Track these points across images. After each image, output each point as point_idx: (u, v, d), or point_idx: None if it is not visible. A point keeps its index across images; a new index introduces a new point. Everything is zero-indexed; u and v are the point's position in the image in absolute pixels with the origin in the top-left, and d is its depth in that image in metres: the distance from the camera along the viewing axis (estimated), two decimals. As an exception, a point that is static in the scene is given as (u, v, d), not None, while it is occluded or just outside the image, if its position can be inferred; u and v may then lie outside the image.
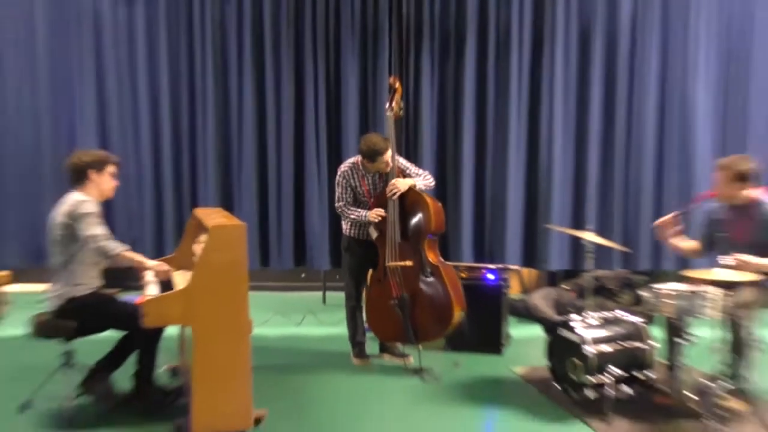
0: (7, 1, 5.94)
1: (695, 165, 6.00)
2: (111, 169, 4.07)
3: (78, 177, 4.01)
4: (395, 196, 4.68)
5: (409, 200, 4.74)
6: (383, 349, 5.14)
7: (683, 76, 6.00)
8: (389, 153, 4.68)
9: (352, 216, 4.83)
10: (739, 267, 3.93)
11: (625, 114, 6.05)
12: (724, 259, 4.02)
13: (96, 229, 3.87)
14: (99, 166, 4.01)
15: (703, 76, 5.99)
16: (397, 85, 4.84)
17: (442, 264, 4.81)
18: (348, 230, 4.97)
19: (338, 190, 4.86)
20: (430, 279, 4.71)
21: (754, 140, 6.00)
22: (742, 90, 6.00)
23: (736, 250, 4.05)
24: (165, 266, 4.13)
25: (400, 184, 4.69)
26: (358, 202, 4.86)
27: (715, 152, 6.02)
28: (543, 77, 6.04)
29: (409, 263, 4.71)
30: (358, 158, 4.85)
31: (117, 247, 3.90)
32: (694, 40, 5.96)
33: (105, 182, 4.05)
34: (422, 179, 4.88)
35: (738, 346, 4.03)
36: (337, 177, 4.88)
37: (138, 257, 4.06)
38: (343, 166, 4.91)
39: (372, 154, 4.66)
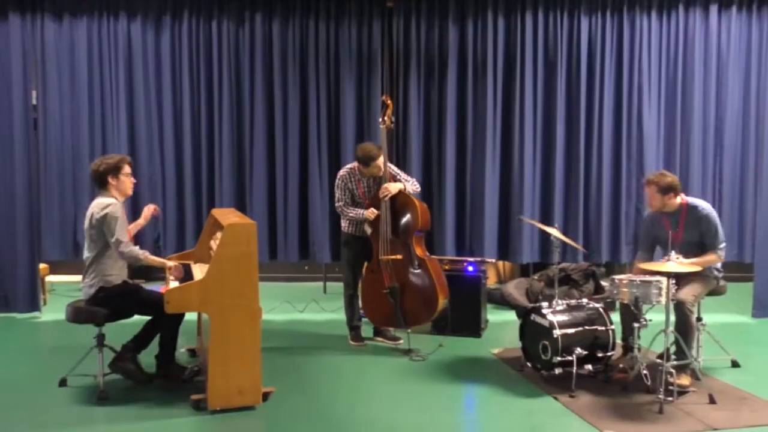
0: (55, 29, 5.86)
1: (646, 170, 5.92)
2: (126, 170, 3.96)
3: (100, 183, 3.93)
4: (387, 198, 4.64)
5: (400, 202, 4.72)
6: (377, 332, 5.07)
7: (633, 97, 5.97)
8: (381, 159, 4.68)
9: (351, 214, 4.78)
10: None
11: (584, 128, 6.01)
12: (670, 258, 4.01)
13: (121, 234, 3.78)
14: (115, 171, 3.90)
15: (652, 96, 5.96)
16: (389, 102, 4.84)
17: (428, 258, 4.79)
18: (346, 228, 4.91)
19: (338, 193, 4.82)
20: (418, 271, 4.67)
21: (696, 150, 5.95)
22: (687, 107, 5.96)
23: (677, 249, 4.01)
24: (180, 268, 4.03)
25: (392, 188, 4.67)
26: (355, 203, 4.82)
27: (663, 160, 6.00)
28: (514, 96, 5.99)
29: (399, 257, 4.68)
30: (354, 164, 4.83)
31: (139, 254, 3.83)
32: (643, 67, 5.93)
33: (122, 183, 3.94)
34: (411, 184, 4.87)
35: (685, 329, 3.96)
36: (337, 180, 4.85)
37: (158, 259, 4.02)
38: (342, 171, 4.88)
39: (366, 160, 4.66)
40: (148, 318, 3.98)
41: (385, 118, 4.78)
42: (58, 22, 5.87)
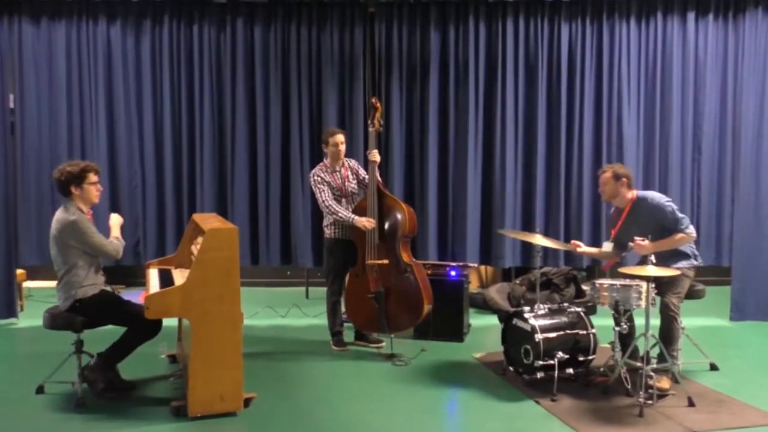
0: (33, 32, 5.80)
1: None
2: (91, 178, 3.83)
3: (62, 192, 3.84)
4: (375, 160, 4.76)
5: (387, 206, 4.71)
6: (359, 336, 5.06)
7: (612, 102, 6.02)
8: (341, 137, 4.83)
9: (340, 215, 4.71)
10: (639, 250, 4.08)
11: (565, 133, 6.05)
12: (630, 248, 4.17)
13: (100, 239, 3.77)
14: (77, 181, 3.79)
15: (632, 102, 6.02)
16: (378, 104, 4.83)
17: (415, 263, 4.78)
18: (331, 233, 4.86)
19: (317, 192, 4.81)
20: (404, 276, 4.65)
21: (674, 155, 6.03)
22: (665, 113, 6.03)
23: (615, 243, 4.29)
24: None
25: (376, 155, 4.79)
26: (333, 197, 4.82)
27: (642, 164, 6.06)
28: (496, 101, 6.02)
29: (385, 261, 4.67)
30: (323, 161, 4.92)
31: (119, 247, 3.86)
32: (623, 73, 5.98)
33: (87, 193, 3.82)
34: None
35: (669, 332, 4.00)
36: (312, 179, 4.86)
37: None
38: (314, 170, 4.92)
39: (326, 137, 4.86)
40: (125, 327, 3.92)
41: (375, 121, 4.78)
42: (36, 24, 5.81)
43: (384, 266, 4.66)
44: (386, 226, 4.71)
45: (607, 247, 4.38)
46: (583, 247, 4.49)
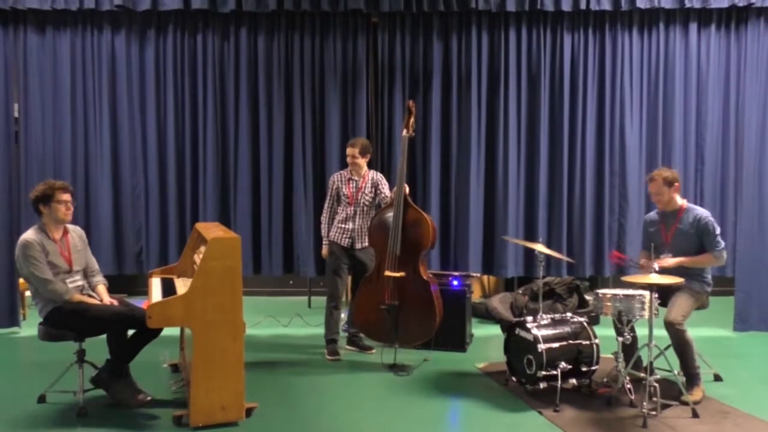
0: (38, 42, 5.83)
1: (629, 186, 6.02)
2: (60, 196, 3.84)
3: (35, 211, 3.89)
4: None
5: (411, 218, 4.61)
6: (350, 342, 5.08)
7: (615, 113, 6.03)
8: (350, 150, 4.92)
9: (322, 225, 5.01)
10: (662, 266, 4.00)
11: (568, 143, 6.05)
12: (658, 261, 4.07)
13: (44, 272, 3.72)
14: (46, 199, 3.82)
15: (634, 112, 6.02)
16: (413, 108, 4.72)
17: (432, 279, 4.70)
18: (333, 236, 4.94)
19: (327, 194, 5.07)
20: (420, 292, 4.57)
21: (677, 165, 6.02)
22: (668, 123, 6.03)
23: (663, 251, 4.16)
24: (115, 303, 3.93)
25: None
26: (340, 203, 4.98)
27: (645, 175, 6.01)
28: (498, 111, 6.03)
29: (402, 274, 4.57)
30: (347, 168, 5.04)
31: (66, 293, 3.75)
32: (625, 83, 5.99)
33: (54, 211, 3.84)
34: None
35: (682, 347, 3.96)
36: (329, 181, 5.10)
37: (87, 299, 3.85)
38: (335, 174, 5.14)
39: (347, 146, 5.00)
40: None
41: (409, 125, 4.67)
42: (40, 34, 5.85)
43: (401, 279, 4.57)
44: (410, 238, 4.59)
45: (667, 257, 4.16)
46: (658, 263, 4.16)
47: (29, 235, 3.81)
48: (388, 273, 4.58)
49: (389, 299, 4.59)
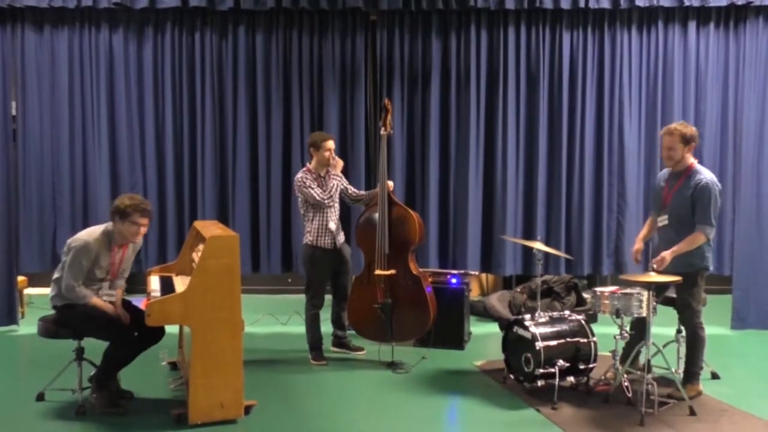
0: (36, 40, 5.83)
1: (627, 184, 6.03)
2: (138, 220, 3.76)
3: (111, 217, 3.84)
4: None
5: (396, 215, 4.62)
6: (337, 344, 5.01)
7: (614, 111, 6.04)
8: (331, 143, 4.71)
9: (310, 220, 4.69)
10: (659, 266, 3.84)
11: (566, 142, 6.06)
12: (661, 220, 3.98)
13: (78, 278, 3.71)
14: (123, 215, 3.75)
15: (633, 111, 6.03)
16: (389, 106, 4.73)
17: (422, 274, 4.71)
18: (313, 239, 4.69)
19: (308, 191, 4.63)
20: (412, 288, 4.59)
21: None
22: (666, 121, 5.99)
23: (662, 213, 4.02)
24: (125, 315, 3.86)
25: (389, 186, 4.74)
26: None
27: (644, 173, 6.07)
28: (497, 109, 6.04)
29: (393, 272, 4.59)
30: (306, 167, 4.80)
31: (84, 298, 3.74)
32: (624, 82, 6.00)
33: (124, 229, 3.78)
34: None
35: (695, 338, 3.99)
36: (297, 184, 4.70)
37: (103, 304, 3.81)
38: (299, 175, 4.74)
39: (318, 141, 4.70)
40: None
41: (386, 123, 4.67)
42: (38, 32, 5.84)
43: (392, 277, 4.59)
44: (397, 236, 4.60)
45: (663, 219, 4.02)
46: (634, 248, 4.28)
47: (93, 238, 3.75)
48: (378, 272, 4.58)
49: (382, 297, 4.60)
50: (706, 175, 3.95)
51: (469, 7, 5.85)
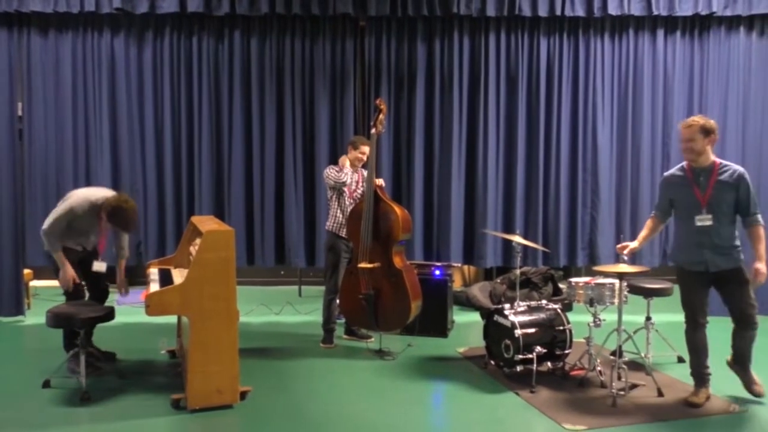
0: (41, 43, 5.78)
1: (600, 181, 6.05)
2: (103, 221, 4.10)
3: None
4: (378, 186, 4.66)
5: (381, 210, 4.58)
6: (349, 332, 5.04)
7: (588, 112, 6.07)
8: (368, 148, 4.68)
9: (332, 208, 4.81)
10: (762, 278, 3.53)
11: (543, 141, 6.08)
12: (701, 219, 3.53)
13: (55, 228, 3.98)
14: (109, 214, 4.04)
15: (605, 112, 6.06)
16: (382, 106, 4.63)
17: (406, 268, 4.61)
18: (332, 226, 4.78)
19: (332, 175, 4.77)
20: (393, 281, 4.53)
21: (645, 162, 6.09)
22: (636, 122, 6.09)
23: (699, 212, 3.54)
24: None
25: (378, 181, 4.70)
26: (341, 198, 4.79)
27: (616, 171, 6.11)
28: (479, 111, 6.05)
29: (377, 265, 4.53)
30: (337, 165, 4.89)
31: (53, 245, 4.00)
32: (597, 85, 6.04)
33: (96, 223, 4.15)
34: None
35: (749, 342, 3.74)
36: (325, 173, 4.86)
37: (64, 262, 4.04)
38: (328, 169, 4.86)
39: (355, 141, 4.83)
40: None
41: (377, 123, 4.59)
42: (44, 36, 5.78)
43: (375, 269, 4.55)
44: (380, 230, 4.58)
45: (705, 219, 3.53)
46: (630, 246, 3.79)
47: (85, 203, 4.02)
48: (362, 265, 4.54)
49: (365, 288, 4.56)
50: (739, 167, 3.61)
51: (452, 14, 5.86)
